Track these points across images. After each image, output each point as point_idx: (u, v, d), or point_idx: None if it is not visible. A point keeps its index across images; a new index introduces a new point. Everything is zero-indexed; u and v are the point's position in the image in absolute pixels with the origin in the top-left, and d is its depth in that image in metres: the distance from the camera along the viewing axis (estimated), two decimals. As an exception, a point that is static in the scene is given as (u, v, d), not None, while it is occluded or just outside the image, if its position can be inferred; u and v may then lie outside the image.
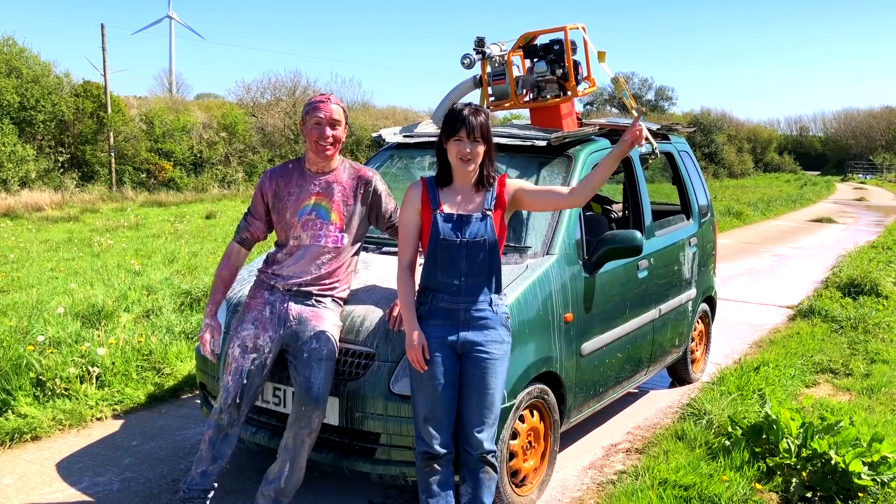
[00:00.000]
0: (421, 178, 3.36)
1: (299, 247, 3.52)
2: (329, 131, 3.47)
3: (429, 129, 5.22)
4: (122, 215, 17.91)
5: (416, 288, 3.31)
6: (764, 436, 4.24)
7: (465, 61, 4.95)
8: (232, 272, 3.66)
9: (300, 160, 3.64)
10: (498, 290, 3.28)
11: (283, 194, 3.56)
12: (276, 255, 3.58)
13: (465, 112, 3.19)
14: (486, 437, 3.20)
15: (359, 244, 3.66)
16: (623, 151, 3.26)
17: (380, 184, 3.63)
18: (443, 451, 3.19)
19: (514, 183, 3.39)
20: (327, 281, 3.53)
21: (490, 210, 3.26)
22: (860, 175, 53.15)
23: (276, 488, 3.42)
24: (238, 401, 3.42)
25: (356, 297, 3.71)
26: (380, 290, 3.74)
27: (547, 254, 3.98)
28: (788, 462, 4.05)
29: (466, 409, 3.21)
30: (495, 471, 3.27)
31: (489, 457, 3.22)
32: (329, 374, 3.42)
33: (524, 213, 4.06)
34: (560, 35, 4.91)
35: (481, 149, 3.21)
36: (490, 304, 3.24)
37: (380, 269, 3.95)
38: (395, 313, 3.49)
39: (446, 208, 3.25)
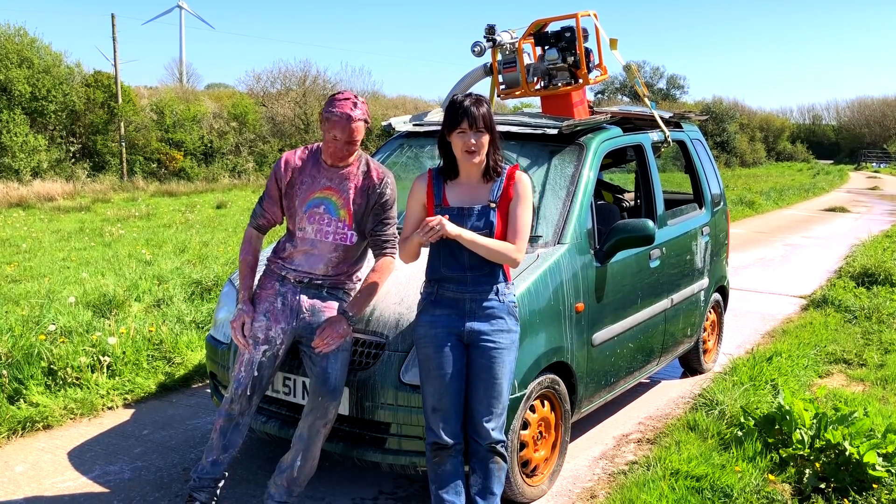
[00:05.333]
0: (429, 169, 3.33)
1: (305, 240, 3.47)
2: (346, 148, 3.39)
3: (439, 117, 5.19)
4: (133, 205, 17.96)
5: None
6: (777, 426, 4.21)
7: (476, 49, 4.92)
8: (255, 256, 3.60)
9: (318, 149, 3.56)
10: (505, 280, 3.26)
11: (296, 181, 3.51)
12: (286, 246, 3.56)
13: (467, 103, 3.15)
14: (494, 427, 3.19)
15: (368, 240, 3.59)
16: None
17: (388, 189, 3.50)
18: (452, 441, 3.18)
19: (522, 185, 3.24)
20: (337, 278, 3.52)
21: (495, 202, 3.21)
22: (874, 164, 52.72)
23: (288, 477, 3.42)
24: (249, 392, 3.41)
25: (366, 286, 3.69)
26: (390, 280, 3.72)
27: (558, 243, 3.95)
28: (802, 453, 4.02)
29: (474, 399, 3.19)
30: (505, 461, 3.26)
31: (498, 446, 3.21)
32: (344, 364, 3.41)
33: (535, 202, 4.03)
34: (571, 22, 4.87)
35: (486, 139, 3.16)
36: (497, 294, 3.22)
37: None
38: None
39: (450, 201, 3.22)
